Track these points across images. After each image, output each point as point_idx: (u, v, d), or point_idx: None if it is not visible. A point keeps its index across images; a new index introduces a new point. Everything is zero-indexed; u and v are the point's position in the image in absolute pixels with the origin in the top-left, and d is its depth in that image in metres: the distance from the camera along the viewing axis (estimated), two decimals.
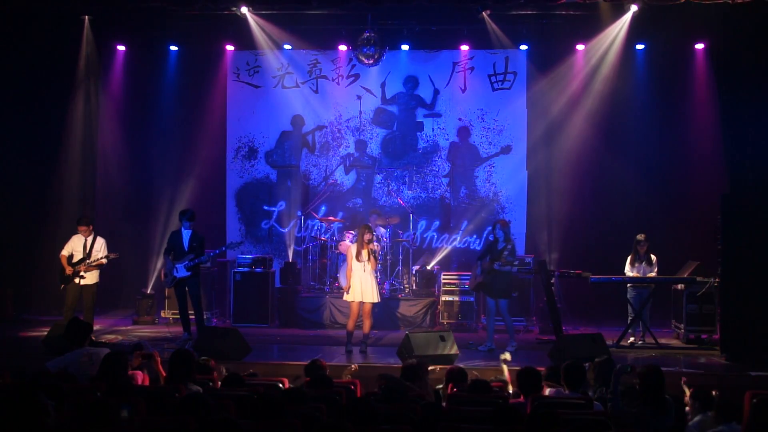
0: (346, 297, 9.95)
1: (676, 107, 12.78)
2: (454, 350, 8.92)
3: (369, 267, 9.72)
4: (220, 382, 6.28)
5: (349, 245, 10.45)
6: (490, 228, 11.66)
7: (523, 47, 12.99)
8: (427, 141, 13.51)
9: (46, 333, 9.41)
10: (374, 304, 9.95)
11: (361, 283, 9.70)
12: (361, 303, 9.75)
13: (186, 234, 10.26)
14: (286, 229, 13.56)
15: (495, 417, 4.67)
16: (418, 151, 13.52)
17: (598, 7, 12.11)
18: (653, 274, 10.49)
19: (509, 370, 7.01)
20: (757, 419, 4.73)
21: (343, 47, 13.22)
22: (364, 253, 9.69)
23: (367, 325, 9.84)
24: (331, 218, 12.78)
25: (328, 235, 12.47)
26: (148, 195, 13.31)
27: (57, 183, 12.87)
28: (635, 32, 12.41)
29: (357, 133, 13.56)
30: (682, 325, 10.66)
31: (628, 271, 10.58)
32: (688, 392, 5.86)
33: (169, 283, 10.32)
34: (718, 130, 12.44)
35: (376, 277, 11.62)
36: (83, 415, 4.39)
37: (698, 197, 12.19)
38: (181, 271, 10.14)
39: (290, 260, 12.96)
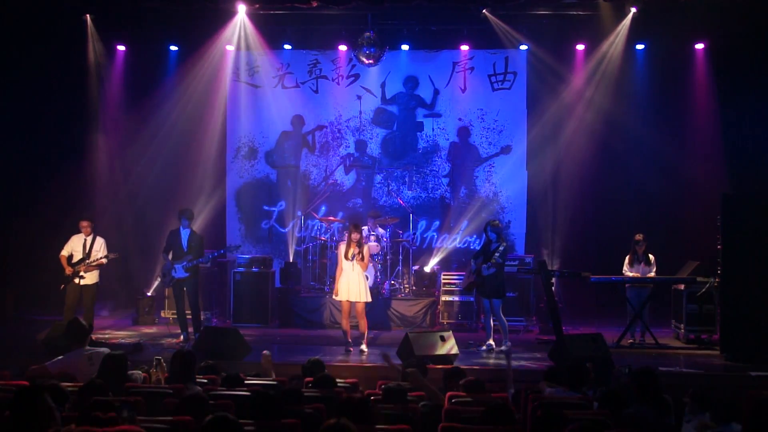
0: (333, 296, 9.98)
1: (676, 107, 12.79)
2: (454, 350, 8.92)
3: (358, 267, 9.73)
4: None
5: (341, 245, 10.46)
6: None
7: (523, 47, 12.99)
8: (427, 141, 13.51)
9: (46, 333, 9.41)
10: (368, 303, 9.93)
11: (348, 283, 9.71)
12: (351, 302, 9.76)
13: (185, 233, 10.28)
14: (286, 229, 13.56)
15: (486, 417, 4.65)
16: (418, 151, 13.52)
17: (599, 7, 12.14)
18: (652, 274, 10.48)
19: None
20: (757, 419, 4.72)
21: (343, 47, 13.23)
22: (350, 252, 9.70)
23: (362, 324, 9.84)
24: (331, 218, 12.77)
25: (328, 235, 12.47)
26: (147, 195, 13.28)
27: (57, 183, 12.85)
28: (635, 32, 12.43)
29: (357, 133, 13.56)
30: (682, 325, 10.66)
31: (627, 271, 10.58)
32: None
33: (168, 283, 10.37)
34: (718, 130, 12.46)
35: (376, 278, 11.67)
36: (83, 415, 4.39)
37: (698, 197, 12.18)
38: (179, 272, 10.16)
39: (290, 260, 12.95)
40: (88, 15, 12.69)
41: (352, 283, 9.71)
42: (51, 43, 12.47)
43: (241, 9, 12.38)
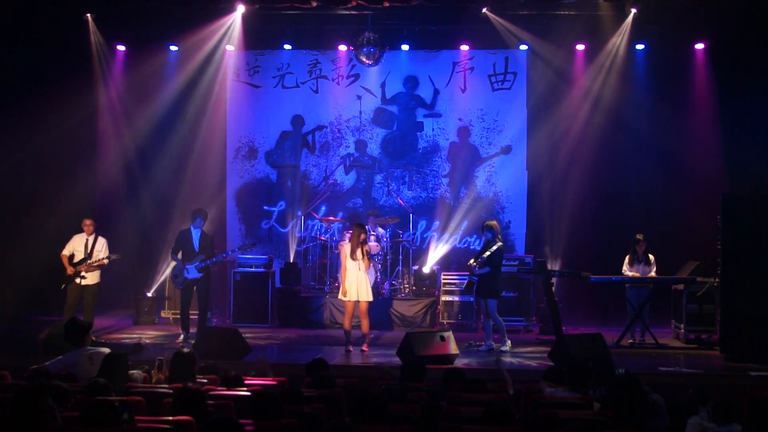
0: (340, 296, 9.96)
1: (676, 107, 12.76)
2: (454, 350, 8.93)
3: (363, 266, 9.74)
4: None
5: (344, 245, 10.46)
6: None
7: (523, 47, 12.99)
8: (427, 141, 13.50)
9: (46, 333, 9.40)
10: (369, 303, 9.95)
11: (356, 282, 9.71)
12: (356, 302, 9.76)
13: (196, 234, 10.28)
14: (286, 229, 13.56)
15: (486, 417, 4.66)
16: (418, 151, 13.52)
17: (599, 7, 12.14)
18: (653, 274, 10.48)
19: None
20: (757, 419, 4.73)
21: (343, 47, 13.23)
22: (359, 252, 9.70)
23: (365, 324, 9.84)
24: (331, 218, 12.78)
25: (328, 235, 12.48)
26: (147, 195, 13.27)
27: (57, 183, 12.83)
28: (635, 32, 12.43)
29: (357, 133, 13.56)
30: (682, 325, 10.66)
31: (627, 271, 10.57)
32: None
33: (180, 284, 10.30)
34: (718, 130, 12.45)
35: (377, 277, 11.67)
36: (84, 416, 4.39)
37: (698, 197, 12.18)
38: (192, 273, 10.15)
39: (290, 260, 12.95)
40: (89, 15, 12.69)
41: (360, 283, 9.72)
42: (52, 44, 12.46)
43: (241, 9, 12.38)
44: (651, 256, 10.57)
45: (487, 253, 9.73)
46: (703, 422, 5.24)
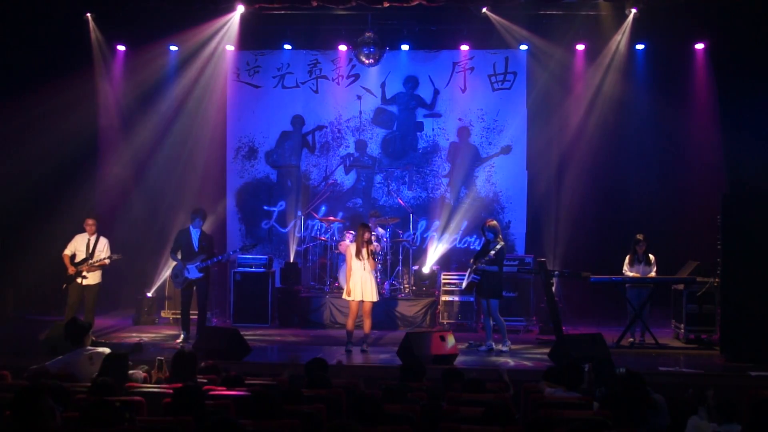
0: (345, 296, 9.94)
1: (676, 107, 12.75)
2: (454, 350, 8.93)
3: (368, 266, 9.73)
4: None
5: (348, 245, 10.45)
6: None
7: (523, 47, 13.00)
8: (427, 141, 13.51)
9: (46, 333, 9.41)
10: (373, 303, 9.94)
11: (361, 282, 9.71)
12: (361, 302, 9.76)
13: (195, 233, 10.28)
14: (286, 229, 13.56)
15: (486, 417, 4.66)
16: (418, 151, 13.53)
17: (599, 6, 12.15)
18: (653, 274, 10.48)
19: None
20: (757, 419, 4.73)
21: (343, 47, 13.24)
22: (364, 251, 9.69)
23: (367, 324, 9.85)
24: (331, 218, 12.78)
25: (328, 235, 12.48)
26: (147, 196, 13.27)
27: (58, 183, 12.83)
28: (635, 32, 12.44)
29: (357, 133, 13.56)
30: (682, 325, 10.66)
31: (627, 271, 10.57)
32: None
33: (180, 284, 10.30)
34: (718, 130, 12.45)
35: (376, 277, 11.67)
36: (85, 416, 4.40)
37: (698, 197, 12.18)
38: (193, 272, 10.15)
39: (291, 260, 12.95)
40: (89, 15, 12.70)
41: (365, 283, 9.72)
42: (52, 43, 12.44)
43: (240, 9, 12.38)
44: (651, 256, 10.56)
45: (491, 252, 9.73)
46: (703, 422, 5.24)
